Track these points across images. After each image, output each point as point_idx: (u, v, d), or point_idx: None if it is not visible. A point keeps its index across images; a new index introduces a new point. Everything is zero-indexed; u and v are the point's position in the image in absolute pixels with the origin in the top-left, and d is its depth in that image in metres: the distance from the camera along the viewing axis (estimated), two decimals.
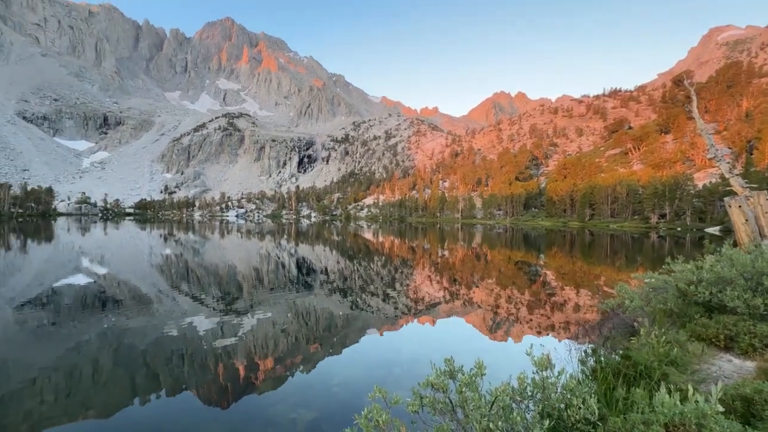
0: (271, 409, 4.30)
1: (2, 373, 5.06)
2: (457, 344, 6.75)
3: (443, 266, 16.49)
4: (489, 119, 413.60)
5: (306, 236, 38.25)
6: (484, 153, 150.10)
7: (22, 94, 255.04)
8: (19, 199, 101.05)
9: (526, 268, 16.21)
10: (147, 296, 9.99)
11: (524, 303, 9.49)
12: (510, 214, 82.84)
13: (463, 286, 11.80)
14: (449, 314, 8.46)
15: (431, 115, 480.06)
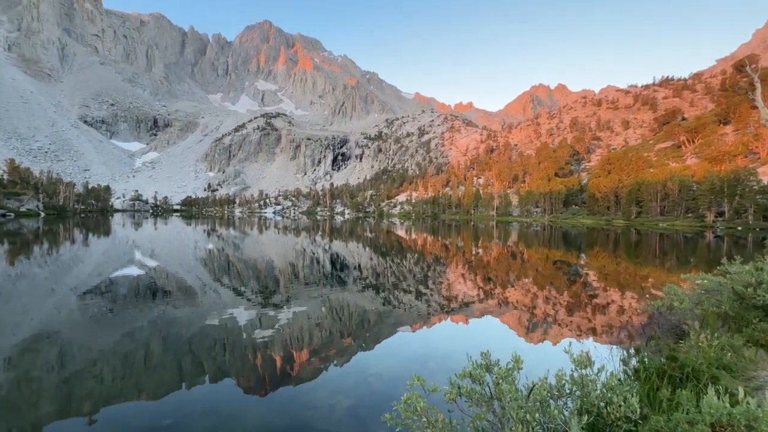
0: (310, 395, 4.49)
1: (69, 354, 5.61)
2: (491, 342, 6.65)
3: (477, 265, 16.22)
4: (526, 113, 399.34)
5: (339, 233, 38.93)
6: (521, 148, 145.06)
7: (83, 100, 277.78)
8: (82, 196, 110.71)
9: (565, 267, 15.58)
10: (192, 288, 10.63)
11: (563, 304, 9.15)
12: (548, 211, 79.70)
13: (497, 286, 11.56)
14: (483, 313, 8.33)
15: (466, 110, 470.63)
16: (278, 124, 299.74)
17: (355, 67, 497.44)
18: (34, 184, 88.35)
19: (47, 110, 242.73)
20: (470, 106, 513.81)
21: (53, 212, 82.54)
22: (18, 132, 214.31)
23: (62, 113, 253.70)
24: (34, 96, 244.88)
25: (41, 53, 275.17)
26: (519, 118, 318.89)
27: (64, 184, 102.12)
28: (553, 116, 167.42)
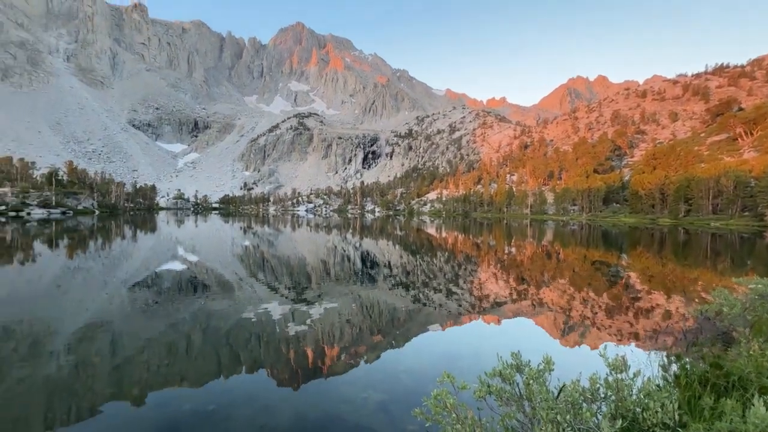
0: (342, 389, 4.62)
1: (120, 342, 6.06)
2: (523, 343, 6.50)
3: (510, 264, 15.83)
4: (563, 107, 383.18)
5: (370, 230, 39.25)
6: (557, 144, 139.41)
7: (131, 105, 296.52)
8: (131, 195, 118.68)
9: (604, 268, 14.88)
10: (230, 283, 11.13)
11: (600, 306, 8.77)
12: (586, 209, 76.19)
13: (531, 286, 11.24)
14: (516, 313, 8.15)
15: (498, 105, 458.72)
16: (310, 123, 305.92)
17: (386, 65, 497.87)
18: (89, 184, 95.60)
19: (100, 115, 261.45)
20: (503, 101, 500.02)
21: (106, 210, 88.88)
22: (75, 136, 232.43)
23: (113, 118, 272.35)
24: (89, 102, 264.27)
25: (95, 62, 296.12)
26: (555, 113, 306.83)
27: (115, 184, 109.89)
28: (593, 110, 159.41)
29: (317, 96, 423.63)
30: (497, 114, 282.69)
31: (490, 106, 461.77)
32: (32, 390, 4.40)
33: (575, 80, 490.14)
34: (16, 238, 24.71)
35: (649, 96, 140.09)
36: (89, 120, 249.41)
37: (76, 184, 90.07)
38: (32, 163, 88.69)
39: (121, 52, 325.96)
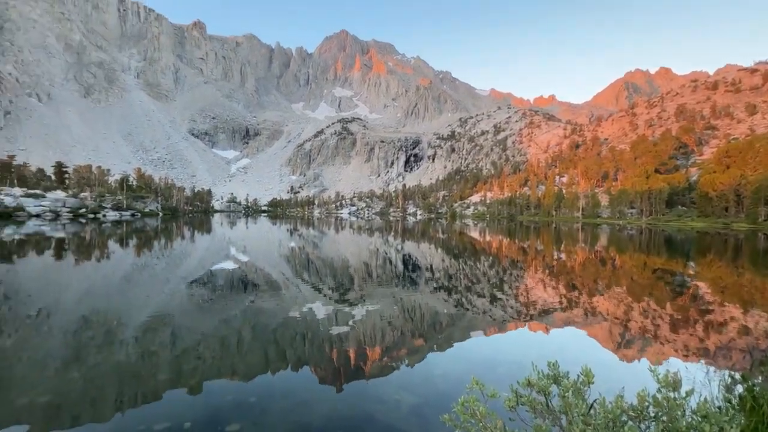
0: (377, 389, 4.70)
1: (178, 335, 6.56)
2: (570, 354, 6.15)
3: (559, 270, 15.04)
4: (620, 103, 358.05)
5: (412, 233, 39.15)
6: (613, 143, 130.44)
7: (191, 116, 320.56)
8: (189, 198, 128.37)
9: (667, 277, 13.67)
10: (277, 282, 11.63)
11: (661, 318, 8.06)
12: (646, 212, 70.41)
13: (583, 294, 10.61)
14: (566, 323, 7.73)
15: (546, 104, 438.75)
16: (353, 128, 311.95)
17: (428, 68, 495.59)
18: (155, 188, 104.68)
19: (164, 126, 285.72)
20: (552, 99, 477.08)
21: (168, 212, 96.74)
22: (143, 145, 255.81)
23: (175, 128, 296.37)
24: (155, 114, 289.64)
25: (160, 78, 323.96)
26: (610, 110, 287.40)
27: (176, 189, 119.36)
28: (654, 105, 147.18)
29: (360, 101, 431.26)
30: (545, 113, 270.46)
31: (538, 104, 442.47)
32: (106, 373, 4.90)
33: (633, 74, 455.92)
34: (94, 237, 27.62)
35: (722, 87, 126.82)
36: (155, 130, 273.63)
37: (143, 189, 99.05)
38: (108, 170, 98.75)
39: (183, 67, 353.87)
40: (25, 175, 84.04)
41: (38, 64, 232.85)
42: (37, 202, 64.86)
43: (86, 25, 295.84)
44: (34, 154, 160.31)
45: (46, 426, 3.76)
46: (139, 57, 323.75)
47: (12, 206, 58.26)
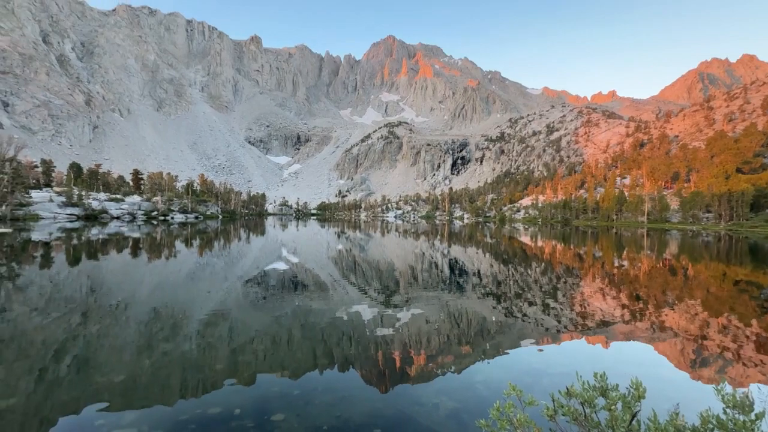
0: (417, 392, 4.71)
1: (235, 330, 7.01)
2: (627, 369, 5.66)
3: (621, 279, 13.94)
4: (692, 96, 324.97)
5: (458, 237, 38.41)
6: (684, 140, 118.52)
7: (248, 124, 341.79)
8: (246, 202, 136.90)
9: (753, 290, 12.11)
10: (325, 283, 11.99)
11: (742, 336, 7.16)
12: (726, 217, 62.87)
13: (649, 305, 9.73)
14: (627, 337, 7.15)
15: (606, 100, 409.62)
16: (400, 132, 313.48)
17: (476, 68, 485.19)
18: (215, 193, 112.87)
19: (224, 135, 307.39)
20: (612, 95, 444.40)
21: (227, 215, 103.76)
22: (206, 153, 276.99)
23: (234, 136, 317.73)
24: (217, 124, 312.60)
25: (221, 90, 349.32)
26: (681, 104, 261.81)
27: (234, 193, 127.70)
28: (734, 97, 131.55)
29: (407, 105, 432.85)
30: (605, 110, 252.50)
31: (596, 101, 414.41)
32: (172, 361, 5.38)
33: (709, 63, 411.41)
34: (164, 237, 30.37)
35: None
36: (216, 139, 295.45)
37: (205, 194, 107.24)
38: (176, 176, 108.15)
39: (241, 79, 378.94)
40: (109, 182, 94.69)
41: (120, 83, 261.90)
42: (117, 206, 72.79)
43: (159, 45, 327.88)
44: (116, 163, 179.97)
45: (120, 403, 4.21)
46: (204, 72, 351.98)
47: (98, 209, 65.82)
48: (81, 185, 76.41)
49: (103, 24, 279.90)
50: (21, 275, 12.52)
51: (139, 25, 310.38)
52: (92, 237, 29.08)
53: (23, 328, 6.86)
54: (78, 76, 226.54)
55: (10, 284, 10.96)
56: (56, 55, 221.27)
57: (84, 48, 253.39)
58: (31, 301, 8.96)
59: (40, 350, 5.74)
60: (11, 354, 5.56)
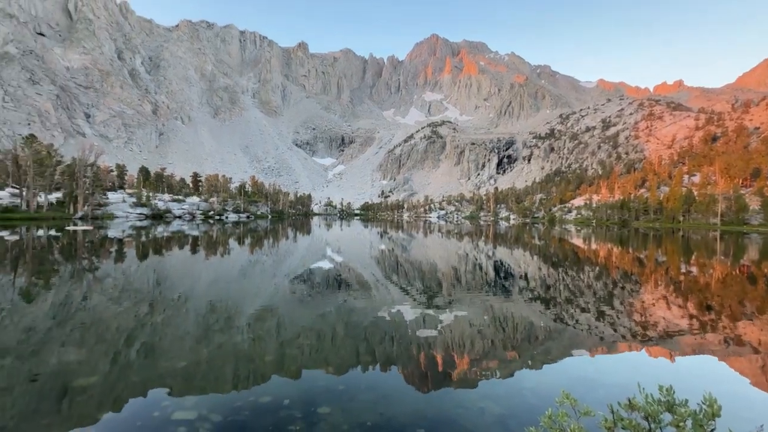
0: (460, 395, 4.63)
1: (282, 325, 7.31)
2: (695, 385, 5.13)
3: (689, 287, 12.72)
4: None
5: (504, 239, 37.15)
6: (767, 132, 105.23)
7: (295, 128, 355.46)
8: (293, 202, 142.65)
9: None
10: (368, 283, 12.15)
11: None
12: None
13: (723, 317, 8.78)
14: (696, 350, 6.50)
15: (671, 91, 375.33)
16: (443, 131, 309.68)
17: (524, 63, 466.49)
18: (265, 194, 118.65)
19: (273, 138, 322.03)
20: (679, 85, 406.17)
21: (276, 214, 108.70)
22: (257, 156, 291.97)
23: (282, 139, 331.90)
24: (266, 128, 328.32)
25: (271, 96, 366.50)
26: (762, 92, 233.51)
27: (282, 194, 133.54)
28: None
29: (450, 103, 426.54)
30: (670, 101, 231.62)
31: (659, 92, 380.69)
32: (226, 351, 5.74)
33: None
34: (219, 236, 32.46)
35: None
36: (266, 143, 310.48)
37: (256, 194, 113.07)
38: (230, 178, 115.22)
39: (289, 84, 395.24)
40: (172, 184, 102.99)
41: (182, 93, 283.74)
42: (179, 206, 78.87)
43: (216, 56, 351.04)
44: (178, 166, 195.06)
45: (181, 387, 4.56)
46: (255, 79, 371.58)
47: (163, 209, 71.77)
48: (149, 187, 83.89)
49: (168, 39, 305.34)
50: (99, 268, 14.00)
51: (198, 38, 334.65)
52: (158, 234, 31.82)
53: (101, 315, 7.67)
54: (146, 88, 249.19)
55: (91, 276, 12.29)
56: (128, 70, 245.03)
57: (151, 62, 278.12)
58: (107, 291, 9.99)
59: (114, 335, 6.38)
60: (92, 338, 6.24)
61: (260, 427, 3.74)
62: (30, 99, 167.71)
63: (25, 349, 5.70)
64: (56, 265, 14.27)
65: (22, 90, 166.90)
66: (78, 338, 6.19)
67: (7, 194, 54.03)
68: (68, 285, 10.78)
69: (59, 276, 12.18)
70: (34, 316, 7.59)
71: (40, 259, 15.95)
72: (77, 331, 6.54)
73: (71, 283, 11.12)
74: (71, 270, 13.30)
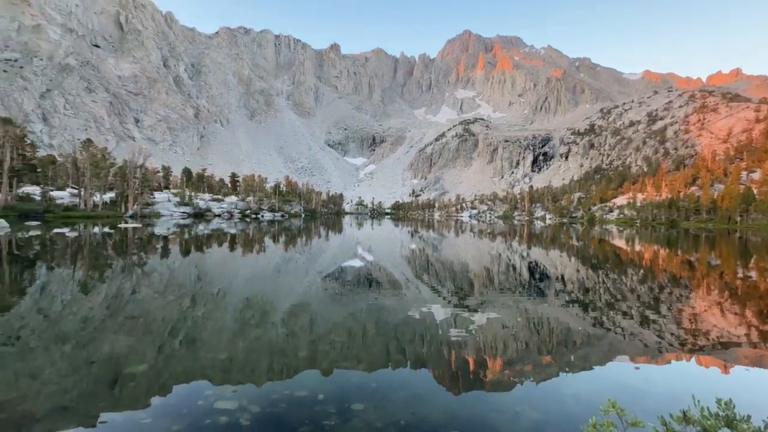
0: (495, 398, 4.54)
1: (314, 322, 7.47)
2: (756, 400, 4.72)
3: (749, 293, 11.72)
4: None
5: (539, 239, 35.91)
6: None
7: (328, 128, 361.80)
8: (325, 201, 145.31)
9: None
10: (398, 282, 12.15)
11: None
12: None
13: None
14: (757, 362, 5.99)
15: (727, 81, 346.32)
16: (475, 129, 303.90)
17: (561, 57, 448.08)
18: (299, 193, 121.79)
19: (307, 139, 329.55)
20: (736, 74, 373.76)
21: (309, 213, 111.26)
22: (291, 156, 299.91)
23: (315, 140, 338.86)
24: (300, 129, 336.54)
25: (304, 97, 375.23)
26: None
27: (315, 193, 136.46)
28: None
29: (483, 100, 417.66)
30: (725, 92, 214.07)
31: (714, 83, 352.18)
32: (262, 346, 5.95)
33: None
34: (255, 234, 33.67)
35: None
36: (299, 143, 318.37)
37: (290, 194, 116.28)
38: (265, 178, 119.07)
39: (321, 86, 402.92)
40: (212, 184, 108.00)
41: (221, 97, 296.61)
42: (218, 205, 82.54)
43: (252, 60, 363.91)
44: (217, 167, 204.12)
45: (221, 377, 4.78)
46: (289, 82, 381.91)
47: (204, 208, 75.41)
48: (191, 187, 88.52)
49: (209, 46, 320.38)
50: (147, 263, 14.94)
51: (236, 44, 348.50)
52: (199, 232, 33.50)
53: (148, 307, 8.19)
54: (189, 93, 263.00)
55: (140, 270, 13.15)
56: (173, 77, 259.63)
57: (193, 68, 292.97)
58: (154, 285, 10.64)
59: (160, 326, 6.79)
60: (140, 328, 6.67)
61: (296, 420, 3.85)
62: (87, 106, 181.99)
63: (83, 336, 6.19)
64: (109, 260, 15.39)
65: (80, 98, 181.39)
66: (128, 328, 6.64)
67: (68, 194, 58.88)
68: (119, 278, 11.60)
69: (112, 270, 13.13)
70: (90, 306, 8.23)
71: (96, 254, 17.26)
72: (127, 322, 7.02)
73: (122, 276, 11.96)
74: (122, 265, 14.29)
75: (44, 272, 12.19)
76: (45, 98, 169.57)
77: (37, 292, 9.54)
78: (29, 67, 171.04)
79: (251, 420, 3.84)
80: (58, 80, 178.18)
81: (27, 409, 3.97)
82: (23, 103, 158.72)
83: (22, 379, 4.63)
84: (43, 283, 10.59)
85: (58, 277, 11.42)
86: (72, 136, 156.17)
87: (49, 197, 53.70)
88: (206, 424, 3.76)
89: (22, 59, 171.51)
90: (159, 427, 3.72)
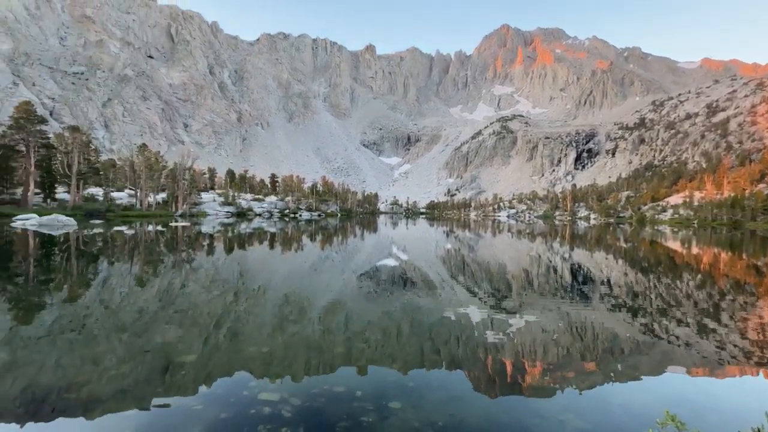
0: (537, 404, 4.40)
1: (350, 319, 7.58)
2: None
3: None
4: None
5: (583, 240, 34.16)
6: None
7: (363, 128, 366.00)
8: (360, 201, 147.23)
9: None
10: (433, 282, 12.05)
11: None
12: None
13: None
14: None
15: None
16: (514, 126, 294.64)
17: (608, 47, 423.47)
18: (335, 193, 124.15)
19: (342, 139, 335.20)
20: None
21: (345, 213, 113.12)
22: (327, 157, 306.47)
23: (350, 140, 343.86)
24: (336, 130, 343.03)
25: (341, 99, 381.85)
26: None
27: (351, 193, 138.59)
28: None
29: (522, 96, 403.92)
30: None
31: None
32: (299, 341, 6.13)
33: None
34: (294, 233, 34.74)
35: None
36: (336, 144, 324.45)
37: (327, 194, 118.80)
38: (303, 178, 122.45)
39: (357, 87, 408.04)
40: (253, 185, 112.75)
41: (262, 101, 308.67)
42: (259, 205, 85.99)
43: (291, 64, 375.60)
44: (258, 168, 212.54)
45: (263, 370, 4.98)
46: (326, 84, 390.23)
47: (246, 208, 78.90)
48: (234, 188, 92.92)
49: (250, 52, 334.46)
50: (194, 259, 15.88)
51: (275, 49, 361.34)
52: (241, 231, 35.11)
53: (195, 301, 8.70)
54: (232, 98, 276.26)
55: (188, 266, 14.00)
56: (218, 83, 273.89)
57: (236, 74, 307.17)
58: (200, 280, 11.29)
59: (207, 320, 7.19)
60: (188, 320, 7.11)
61: (335, 415, 3.94)
62: (142, 113, 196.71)
63: (138, 327, 6.70)
64: (162, 257, 16.51)
65: (137, 106, 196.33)
66: (177, 320, 7.10)
67: (126, 195, 63.94)
68: (170, 274, 12.42)
69: (164, 265, 14.08)
70: (145, 298, 8.89)
71: (150, 250, 18.59)
72: (177, 314, 7.50)
73: (173, 272, 12.80)
74: (173, 261, 15.29)
75: (106, 266, 13.32)
76: (106, 107, 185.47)
77: (100, 284, 10.44)
78: (93, 78, 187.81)
79: (293, 412, 3.98)
80: (117, 90, 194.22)
81: (92, 390, 4.36)
82: (88, 112, 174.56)
83: (87, 364, 5.09)
84: (105, 276, 11.58)
85: (117, 271, 12.43)
86: (129, 141, 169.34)
87: (110, 198, 58.63)
88: (252, 414, 3.94)
89: (87, 72, 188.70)
90: (209, 414, 3.94)
